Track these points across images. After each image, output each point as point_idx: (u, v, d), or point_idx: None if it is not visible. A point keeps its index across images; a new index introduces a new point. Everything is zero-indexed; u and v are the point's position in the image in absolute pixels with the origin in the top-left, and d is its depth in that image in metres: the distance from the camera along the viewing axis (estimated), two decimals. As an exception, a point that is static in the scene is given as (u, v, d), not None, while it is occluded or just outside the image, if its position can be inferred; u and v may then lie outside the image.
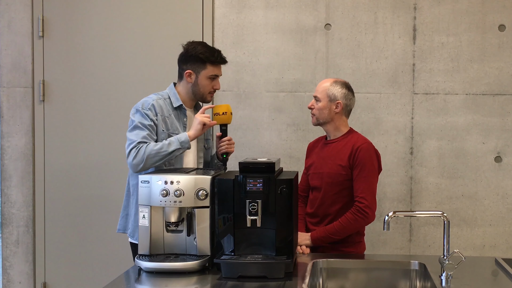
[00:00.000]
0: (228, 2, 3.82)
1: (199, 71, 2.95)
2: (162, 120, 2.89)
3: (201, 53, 2.94)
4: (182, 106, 2.98)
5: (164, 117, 2.90)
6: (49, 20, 3.87)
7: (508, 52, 3.73)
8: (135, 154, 2.78)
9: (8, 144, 3.90)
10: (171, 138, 2.83)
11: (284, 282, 2.36)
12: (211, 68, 2.96)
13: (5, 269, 3.95)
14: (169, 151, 2.78)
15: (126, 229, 3.00)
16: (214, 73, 2.98)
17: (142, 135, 2.82)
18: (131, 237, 2.95)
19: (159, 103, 2.91)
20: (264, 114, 3.84)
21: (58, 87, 3.89)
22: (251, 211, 2.45)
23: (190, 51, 2.96)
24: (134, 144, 2.80)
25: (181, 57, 3.01)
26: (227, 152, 3.06)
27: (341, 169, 2.96)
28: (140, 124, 2.84)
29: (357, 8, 3.77)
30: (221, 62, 3.01)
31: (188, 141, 2.83)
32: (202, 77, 2.96)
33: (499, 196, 3.76)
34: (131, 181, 2.94)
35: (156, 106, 2.88)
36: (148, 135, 2.83)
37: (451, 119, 3.76)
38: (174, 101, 2.96)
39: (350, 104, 3.07)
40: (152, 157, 2.77)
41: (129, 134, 2.86)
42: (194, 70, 2.96)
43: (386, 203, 3.78)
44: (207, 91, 2.99)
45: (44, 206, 3.91)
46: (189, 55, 2.97)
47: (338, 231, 2.92)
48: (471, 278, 2.46)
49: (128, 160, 2.82)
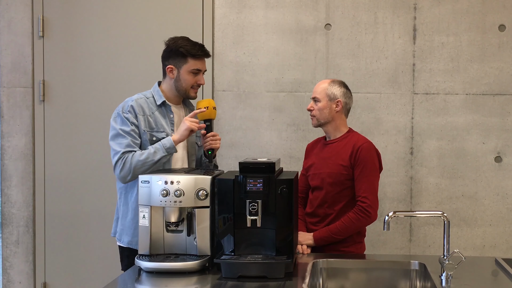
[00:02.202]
0: (228, 2, 3.82)
1: (181, 66, 2.90)
2: (144, 120, 2.85)
3: (181, 47, 2.89)
4: (166, 103, 2.93)
5: (146, 116, 2.86)
6: (49, 20, 3.87)
7: (508, 52, 3.73)
8: (121, 166, 2.77)
9: (8, 144, 3.90)
10: (156, 145, 2.79)
11: (284, 282, 2.36)
12: (193, 62, 2.90)
13: (5, 269, 3.95)
14: (155, 160, 2.76)
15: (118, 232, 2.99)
16: (196, 67, 2.91)
17: (125, 143, 2.79)
18: (118, 240, 2.93)
19: (139, 102, 2.86)
20: (264, 114, 3.84)
21: (58, 87, 3.89)
22: (251, 211, 2.45)
23: (171, 46, 2.91)
24: (119, 155, 2.77)
25: (163, 53, 2.96)
26: (212, 149, 2.97)
27: (342, 169, 2.97)
28: (122, 131, 2.80)
29: (357, 8, 3.77)
30: (203, 55, 2.94)
31: (174, 146, 2.80)
32: (184, 71, 2.90)
33: (499, 196, 3.76)
34: (117, 184, 2.93)
35: (136, 107, 2.84)
36: (131, 141, 2.80)
37: (451, 119, 3.76)
38: (157, 99, 2.92)
39: (349, 103, 3.09)
40: (139, 168, 2.75)
41: (112, 143, 2.83)
42: (175, 65, 2.90)
43: (386, 203, 3.78)
44: (189, 86, 2.92)
45: (44, 206, 3.91)
46: (169, 50, 2.92)
47: (341, 231, 2.92)
48: (471, 278, 2.46)
49: (115, 172, 2.81)
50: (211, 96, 3.80)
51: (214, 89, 3.83)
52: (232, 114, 3.83)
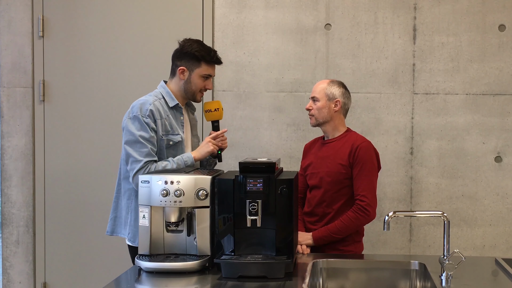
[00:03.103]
0: (228, 2, 3.82)
1: (193, 69, 2.91)
2: (161, 124, 2.85)
3: (197, 51, 2.90)
4: (178, 105, 2.94)
5: (163, 120, 2.85)
6: (49, 20, 3.87)
7: (508, 52, 3.73)
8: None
9: (8, 144, 3.90)
10: (178, 161, 2.81)
11: (284, 282, 2.36)
12: (206, 67, 2.93)
13: (5, 269, 3.95)
14: None
15: (115, 231, 2.98)
16: (208, 72, 2.94)
17: (146, 152, 2.77)
18: (132, 242, 2.91)
19: (157, 105, 2.85)
20: (264, 114, 3.84)
21: (58, 87, 3.89)
22: (251, 211, 2.45)
23: (186, 48, 2.92)
24: (141, 164, 2.75)
25: (176, 53, 2.97)
26: (222, 148, 3.01)
27: (341, 168, 2.98)
28: (141, 138, 2.78)
29: (357, 8, 3.77)
30: (216, 62, 2.97)
31: (194, 164, 2.85)
32: (195, 75, 2.92)
33: (499, 196, 3.76)
34: (127, 185, 2.91)
35: (155, 111, 2.82)
36: (151, 149, 2.79)
37: (451, 119, 3.76)
38: (169, 101, 2.91)
39: (347, 103, 3.11)
40: None
41: (130, 149, 2.79)
42: (188, 67, 2.91)
43: (386, 203, 3.78)
44: (198, 89, 2.94)
45: (44, 206, 3.91)
46: (184, 51, 2.92)
47: (340, 230, 2.93)
48: (471, 278, 2.46)
49: (134, 180, 2.77)
50: (211, 96, 3.80)
51: (214, 89, 3.83)
52: (232, 114, 3.83)
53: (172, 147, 2.88)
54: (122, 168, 2.94)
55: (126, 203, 2.94)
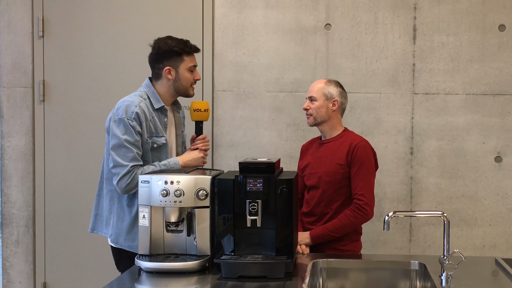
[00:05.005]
0: (228, 2, 3.82)
1: (178, 65, 2.88)
2: (146, 126, 2.81)
3: (175, 46, 2.87)
4: (164, 107, 2.91)
5: (148, 122, 2.81)
6: (49, 20, 3.87)
7: (508, 52, 3.73)
8: (129, 181, 2.73)
9: (8, 144, 3.90)
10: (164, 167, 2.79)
11: (284, 282, 2.36)
12: (188, 59, 2.90)
13: (5, 269, 3.95)
14: None
15: (95, 229, 2.98)
16: (192, 63, 2.91)
17: (131, 156, 2.74)
18: (115, 243, 2.90)
19: (142, 107, 2.80)
20: (264, 114, 3.84)
21: (58, 87, 3.89)
22: (251, 211, 2.45)
23: (163, 47, 2.88)
24: (128, 169, 2.73)
25: (153, 57, 2.92)
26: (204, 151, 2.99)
27: (339, 168, 2.98)
28: (126, 142, 2.74)
29: (357, 8, 3.77)
30: (195, 50, 2.94)
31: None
32: (182, 70, 2.89)
33: (499, 196, 3.76)
34: (109, 186, 2.88)
35: (140, 113, 2.78)
36: (136, 154, 2.76)
37: (451, 119, 3.76)
38: (154, 102, 2.87)
39: (344, 103, 3.13)
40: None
41: (115, 154, 2.75)
42: (172, 65, 2.88)
43: (386, 203, 3.77)
44: (189, 83, 2.92)
45: (44, 206, 3.91)
46: (162, 51, 2.88)
47: (338, 228, 2.93)
48: (471, 278, 2.46)
49: (119, 184, 2.75)
50: (211, 96, 3.81)
51: (214, 89, 3.83)
52: (232, 114, 3.83)
53: (156, 149, 2.85)
54: (104, 168, 2.91)
55: (108, 204, 2.92)
